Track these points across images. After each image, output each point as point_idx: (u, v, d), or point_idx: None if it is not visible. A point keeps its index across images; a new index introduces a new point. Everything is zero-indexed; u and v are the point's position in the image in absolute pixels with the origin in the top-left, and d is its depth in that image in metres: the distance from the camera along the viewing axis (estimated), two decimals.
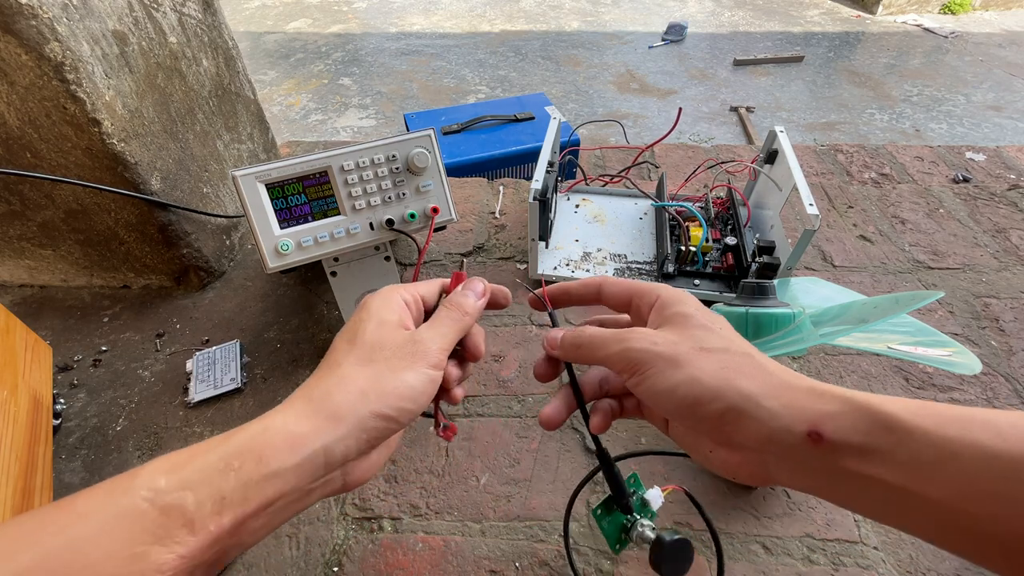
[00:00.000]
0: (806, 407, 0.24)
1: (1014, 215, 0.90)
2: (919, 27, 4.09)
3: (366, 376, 0.28)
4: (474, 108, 1.71)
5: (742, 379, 0.26)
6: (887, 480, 0.22)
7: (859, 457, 0.22)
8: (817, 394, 0.25)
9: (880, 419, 0.22)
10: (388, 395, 0.27)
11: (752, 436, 0.25)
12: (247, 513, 0.24)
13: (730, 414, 0.25)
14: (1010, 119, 2.98)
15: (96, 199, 0.68)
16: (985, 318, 0.73)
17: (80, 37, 0.56)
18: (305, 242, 0.62)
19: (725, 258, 0.74)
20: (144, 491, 0.22)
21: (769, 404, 0.25)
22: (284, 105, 3.24)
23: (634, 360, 0.28)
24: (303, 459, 0.25)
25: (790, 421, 0.24)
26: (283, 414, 0.26)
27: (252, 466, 0.24)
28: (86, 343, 0.72)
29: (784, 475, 0.25)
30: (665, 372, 0.27)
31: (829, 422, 0.23)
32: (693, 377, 0.26)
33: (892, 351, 0.47)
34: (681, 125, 2.91)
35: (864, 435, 0.22)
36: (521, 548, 0.52)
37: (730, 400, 0.25)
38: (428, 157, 0.64)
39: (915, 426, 0.22)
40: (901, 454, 0.22)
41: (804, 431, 0.24)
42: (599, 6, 4.57)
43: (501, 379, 0.66)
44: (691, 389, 0.26)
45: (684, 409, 0.26)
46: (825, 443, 0.23)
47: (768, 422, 0.24)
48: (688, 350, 0.27)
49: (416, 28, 4.22)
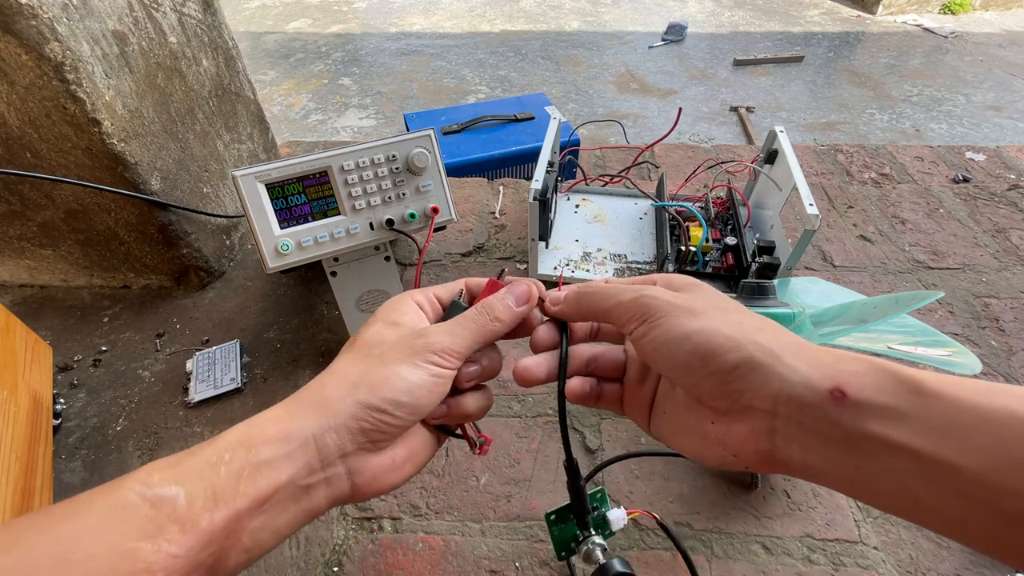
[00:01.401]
0: (828, 364, 0.23)
1: (1014, 215, 0.90)
2: (919, 27, 4.09)
3: (359, 369, 0.27)
4: (474, 108, 1.71)
5: (760, 334, 0.24)
6: (913, 445, 0.20)
7: (885, 419, 0.21)
8: (839, 355, 0.23)
9: (908, 382, 0.21)
10: (379, 386, 0.26)
11: (767, 393, 0.23)
12: (241, 509, 0.23)
13: (745, 366, 0.23)
14: (1010, 119, 2.98)
15: (96, 199, 0.68)
16: (985, 318, 0.73)
17: (80, 37, 0.56)
18: (305, 242, 0.62)
19: (725, 258, 0.74)
20: (136, 485, 0.22)
21: (789, 359, 0.23)
22: (284, 105, 3.24)
23: (648, 307, 0.26)
24: (294, 448, 0.24)
25: (811, 376, 0.22)
26: (277, 408, 0.26)
27: (242, 456, 0.23)
28: (86, 343, 0.72)
29: (795, 447, 0.23)
30: (680, 319, 0.25)
31: (853, 380, 0.22)
32: (711, 326, 0.25)
33: (892, 351, 0.47)
34: (681, 125, 2.90)
35: (890, 395, 0.21)
36: (521, 548, 0.52)
37: (748, 351, 0.24)
38: (428, 157, 0.64)
39: (944, 391, 0.20)
40: (929, 417, 0.20)
41: (827, 388, 0.22)
42: (599, 6, 4.57)
43: (501, 379, 0.66)
44: (708, 337, 0.24)
45: (695, 360, 0.25)
46: (849, 402, 0.21)
47: (788, 376, 0.23)
48: (705, 304, 0.26)
49: (416, 28, 4.22)
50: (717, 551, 0.51)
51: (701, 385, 0.25)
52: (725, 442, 0.25)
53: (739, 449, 0.25)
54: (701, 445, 0.26)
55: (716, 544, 0.51)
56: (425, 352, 0.27)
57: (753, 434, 0.24)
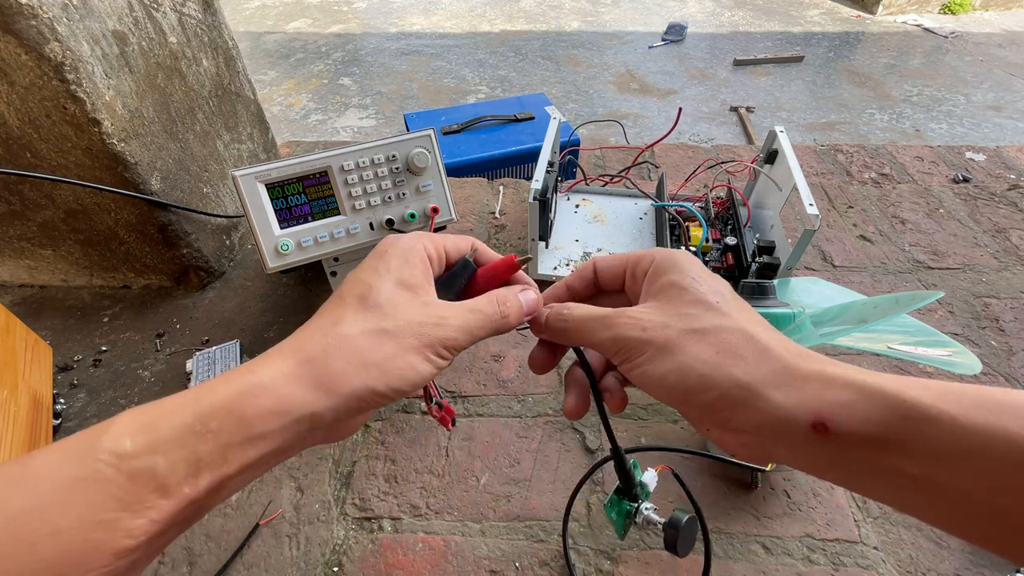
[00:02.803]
0: (811, 396, 0.22)
1: (1014, 215, 0.90)
2: (919, 27, 4.09)
3: (372, 348, 0.25)
4: (474, 108, 1.71)
5: (738, 365, 0.24)
6: (906, 471, 0.20)
7: (873, 448, 0.21)
8: (825, 380, 0.22)
9: (897, 407, 0.20)
10: (391, 375, 0.25)
11: (750, 424, 0.23)
12: (227, 475, 0.22)
13: (723, 402, 0.24)
14: (1010, 119, 2.98)
15: (96, 199, 0.68)
16: (985, 318, 0.73)
17: (80, 37, 0.56)
18: (305, 242, 0.62)
19: (725, 258, 0.74)
20: (106, 455, 0.20)
21: (768, 393, 0.23)
22: (284, 105, 3.24)
23: (624, 348, 0.26)
24: (290, 422, 0.23)
25: (792, 411, 0.22)
26: (271, 369, 0.24)
27: (233, 428, 0.22)
28: (86, 343, 0.72)
29: (786, 457, 0.24)
30: (655, 359, 0.25)
31: (837, 412, 0.21)
32: (683, 365, 0.24)
33: (892, 351, 0.47)
34: (681, 125, 2.90)
35: (878, 426, 0.20)
36: (521, 548, 0.52)
37: (722, 389, 0.23)
38: (428, 157, 0.64)
39: (937, 413, 0.19)
40: (923, 445, 0.20)
41: (808, 422, 0.22)
42: (599, 6, 4.57)
43: (501, 379, 0.66)
44: (681, 378, 0.24)
45: (675, 397, 0.25)
46: (831, 435, 0.21)
47: (767, 411, 0.23)
48: (678, 334, 0.25)
49: (416, 28, 4.22)
50: (717, 551, 0.51)
51: (689, 414, 0.26)
52: (722, 445, 0.26)
53: (736, 453, 0.26)
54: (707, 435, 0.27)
55: (716, 544, 0.51)
56: (438, 346, 0.26)
57: (746, 446, 0.25)
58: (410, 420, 0.62)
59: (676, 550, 0.35)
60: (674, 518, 0.36)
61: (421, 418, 0.63)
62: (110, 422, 0.22)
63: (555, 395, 0.64)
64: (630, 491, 0.37)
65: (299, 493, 0.56)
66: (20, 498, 0.19)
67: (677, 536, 0.35)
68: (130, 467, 0.20)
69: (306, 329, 0.26)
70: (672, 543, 0.35)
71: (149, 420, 0.22)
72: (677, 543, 0.35)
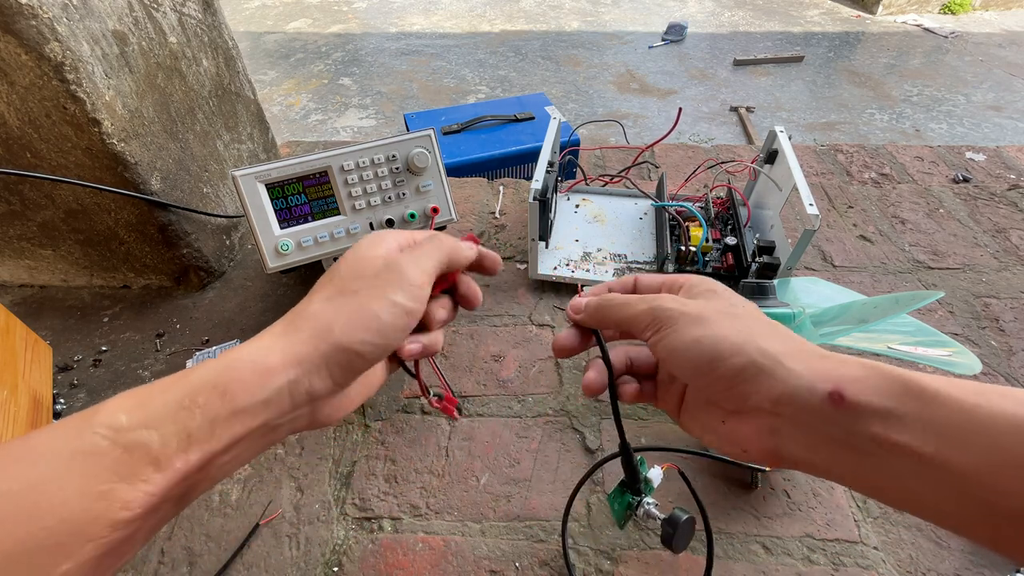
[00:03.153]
0: (829, 368, 0.24)
1: (1014, 215, 0.90)
2: (919, 27, 4.09)
3: (334, 309, 0.27)
4: (474, 108, 1.71)
5: (765, 339, 0.26)
6: (913, 447, 0.21)
7: (884, 421, 0.22)
8: (840, 360, 0.24)
9: (907, 384, 0.22)
10: (354, 328, 0.26)
11: (769, 395, 0.24)
12: (215, 450, 0.23)
13: (750, 370, 0.25)
14: (1010, 119, 2.98)
15: (96, 199, 0.68)
16: (985, 318, 0.73)
17: (80, 37, 0.56)
18: (305, 242, 0.62)
19: (725, 258, 0.74)
20: (103, 429, 0.21)
21: (790, 364, 0.24)
22: (284, 105, 3.24)
23: (660, 316, 0.28)
24: (270, 395, 0.25)
25: (811, 380, 0.24)
26: (249, 347, 0.26)
27: (217, 402, 0.23)
28: (86, 343, 0.72)
29: (798, 446, 0.24)
30: (689, 327, 0.27)
31: (852, 384, 0.23)
32: (716, 332, 0.26)
33: (892, 351, 0.47)
34: (681, 125, 2.91)
35: (889, 398, 0.22)
36: (521, 548, 0.52)
37: (750, 356, 0.25)
38: (428, 157, 0.64)
39: (944, 393, 0.21)
40: (929, 419, 0.21)
41: (826, 391, 0.23)
42: (599, 6, 4.57)
43: (501, 379, 0.66)
44: (713, 343, 0.26)
45: (703, 364, 0.26)
46: (847, 404, 0.22)
47: (788, 380, 0.24)
48: (713, 312, 0.28)
49: (416, 28, 4.22)
50: (717, 551, 0.51)
51: (711, 387, 0.27)
52: (734, 440, 0.27)
53: (746, 446, 0.26)
54: (717, 441, 0.28)
55: (716, 544, 0.51)
56: (399, 284, 0.28)
57: (758, 433, 0.26)
58: (410, 420, 0.62)
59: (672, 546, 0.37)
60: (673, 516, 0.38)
61: (421, 418, 0.63)
62: (105, 401, 0.23)
63: (555, 395, 0.64)
64: (634, 486, 0.39)
65: (299, 493, 0.56)
66: (23, 472, 0.20)
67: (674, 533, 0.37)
68: (126, 440, 0.21)
69: (285, 316, 0.28)
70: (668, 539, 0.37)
71: (142, 398, 0.23)
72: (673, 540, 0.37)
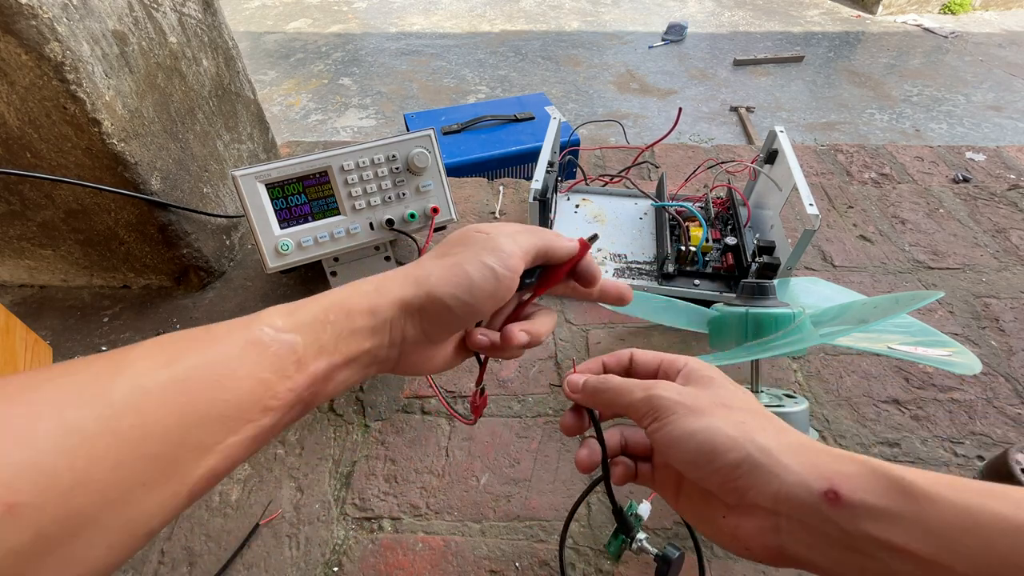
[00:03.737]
0: (823, 466, 0.24)
1: (1014, 215, 0.90)
2: (919, 27, 4.09)
3: (434, 265, 0.30)
4: (474, 108, 1.71)
5: (760, 434, 0.26)
6: (911, 549, 0.21)
7: (880, 522, 0.22)
8: (834, 455, 0.25)
9: (898, 483, 0.22)
10: (447, 282, 0.29)
11: (767, 492, 0.24)
12: (337, 363, 0.27)
13: (745, 464, 0.25)
14: (1010, 119, 2.98)
15: (96, 199, 0.68)
16: (985, 318, 0.73)
17: (80, 37, 0.56)
18: (305, 242, 0.62)
19: (725, 258, 0.74)
20: (267, 328, 0.25)
21: (786, 459, 0.25)
22: (284, 105, 3.24)
23: (657, 406, 0.29)
24: (377, 323, 0.28)
25: (807, 477, 0.24)
26: (369, 282, 0.30)
27: (343, 320, 0.28)
28: (86, 343, 0.72)
29: (801, 546, 0.24)
30: (686, 418, 0.27)
31: (847, 482, 0.23)
32: (712, 425, 0.26)
33: (892, 351, 0.47)
34: (681, 125, 2.90)
35: (883, 498, 0.22)
36: (521, 548, 0.52)
37: (747, 451, 0.25)
38: (428, 157, 0.64)
39: (935, 493, 0.21)
40: (924, 520, 0.21)
41: (821, 489, 0.23)
42: (599, 6, 4.57)
43: (501, 379, 0.66)
44: (709, 436, 0.26)
45: (700, 457, 0.26)
46: (843, 503, 0.22)
47: (784, 476, 0.24)
48: (710, 403, 0.28)
49: (416, 28, 4.22)
50: (717, 551, 0.51)
51: (710, 479, 0.27)
52: (736, 536, 0.26)
53: (749, 543, 0.26)
54: (718, 535, 0.28)
55: (716, 544, 0.51)
56: (493, 251, 0.30)
57: (760, 531, 0.25)
58: (410, 420, 0.62)
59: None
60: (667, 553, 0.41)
61: (421, 418, 0.63)
62: (262, 311, 0.27)
63: (555, 395, 0.64)
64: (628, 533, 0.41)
65: (299, 493, 0.56)
66: (208, 350, 0.24)
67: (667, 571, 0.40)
68: (281, 339, 0.25)
69: (402, 266, 0.32)
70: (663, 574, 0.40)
71: (291, 309, 0.27)
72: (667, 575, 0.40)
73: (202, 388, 0.23)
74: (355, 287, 0.29)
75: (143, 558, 0.52)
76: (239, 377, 0.24)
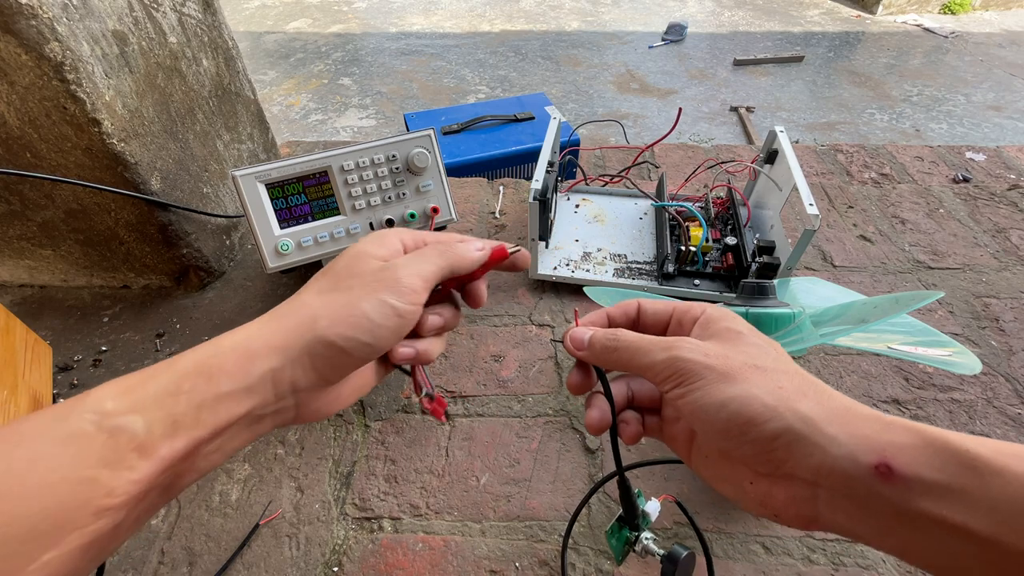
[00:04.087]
0: (874, 436, 0.21)
1: (1014, 215, 0.90)
2: (919, 27, 4.09)
3: (323, 302, 0.26)
4: (474, 108, 1.71)
5: (801, 400, 0.23)
6: (971, 528, 0.19)
7: (938, 498, 0.19)
8: (885, 423, 0.22)
9: (960, 456, 0.19)
10: (339, 323, 0.25)
11: (808, 465, 0.22)
12: (200, 437, 0.23)
13: (786, 436, 0.22)
14: (1010, 119, 2.98)
15: (96, 199, 0.68)
16: (985, 318, 0.73)
17: (80, 37, 0.56)
18: (305, 242, 0.62)
19: (725, 258, 0.74)
20: (90, 414, 0.21)
21: (831, 430, 0.22)
22: (284, 105, 3.24)
23: (682, 370, 0.25)
24: (253, 382, 0.24)
25: (855, 450, 0.21)
26: (234, 336, 0.25)
27: (203, 387, 0.23)
28: (86, 343, 0.72)
29: (839, 515, 0.22)
30: (717, 385, 0.24)
31: (901, 454, 0.20)
32: (748, 393, 0.24)
33: (892, 351, 0.47)
34: (681, 125, 2.91)
35: (942, 472, 0.19)
36: (521, 548, 0.52)
37: (787, 421, 0.22)
38: (428, 157, 0.64)
39: (1001, 466, 0.19)
40: (988, 499, 0.19)
41: (872, 463, 0.21)
42: (599, 6, 4.57)
43: (501, 379, 0.66)
44: (745, 406, 0.23)
45: (733, 428, 0.24)
46: (896, 478, 0.20)
47: (829, 449, 0.22)
48: (741, 365, 0.25)
49: (416, 28, 4.22)
50: (717, 551, 0.51)
51: (740, 450, 0.24)
52: (764, 503, 0.24)
53: (780, 511, 0.24)
54: (741, 497, 0.26)
55: (716, 544, 0.51)
56: (393, 285, 0.27)
57: (795, 500, 0.23)
58: (410, 420, 0.62)
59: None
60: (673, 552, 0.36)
61: (421, 418, 0.63)
62: (92, 389, 0.23)
63: (555, 395, 0.64)
64: (632, 520, 0.37)
65: (299, 493, 0.56)
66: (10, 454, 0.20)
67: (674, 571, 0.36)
68: (111, 424, 0.21)
69: (278, 305, 0.28)
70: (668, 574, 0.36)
71: (130, 384, 0.23)
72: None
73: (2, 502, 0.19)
74: (217, 343, 0.25)
75: (143, 558, 0.52)
76: (50, 483, 0.20)
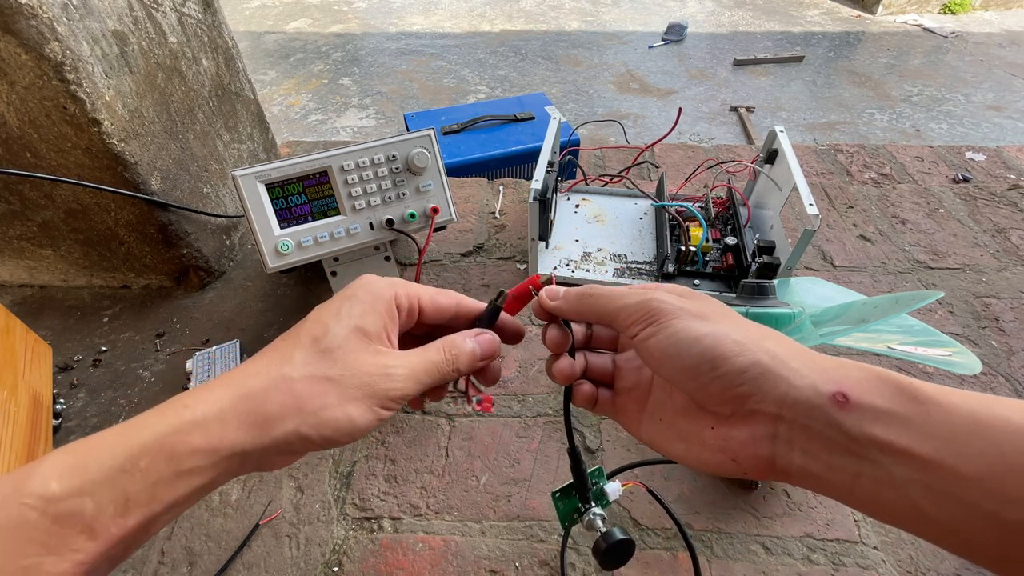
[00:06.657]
0: (832, 370, 0.24)
1: (1014, 215, 0.90)
2: (919, 27, 4.09)
3: (312, 394, 0.25)
4: (474, 108, 1.71)
5: (767, 339, 0.25)
6: (915, 452, 0.20)
7: (886, 425, 0.21)
8: (841, 362, 0.24)
9: (907, 389, 0.22)
10: (324, 424, 0.25)
11: (774, 396, 0.24)
12: (155, 512, 0.22)
13: (754, 370, 0.24)
14: (1010, 119, 2.98)
15: (96, 199, 0.68)
16: (985, 318, 0.73)
17: (80, 37, 0.56)
18: (305, 242, 0.62)
19: (725, 258, 0.74)
20: (31, 499, 0.20)
21: (795, 364, 0.24)
22: (284, 105, 3.24)
23: (656, 310, 0.27)
24: (220, 459, 0.23)
25: (816, 380, 0.23)
26: (207, 404, 0.24)
27: (163, 465, 0.22)
28: (86, 343, 0.72)
29: (797, 453, 0.23)
30: (691, 321, 0.26)
31: (856, 386, 0.23)
32: (720, 330, 0.25)
33: (892, 351, 0.47)
34: (681, 125, 2.91)
35: (891, 402, 0.22)
36: (521, 548, 0.52)
37: (756, 356, 0.24)
38: (428, 157, 0.64)
39: (942, 399, 0.21)
40: (931, 423, 0.21)
41: (831, 391, 0.23)
42: (599, 6, 4.57)
43: (501, 379, 0.66)
44: (718, 340, 0.25)
45: (705, 363, 0.25)
46: (851, 406, 0.22)
47: (792, 380, 0.23)
48: (713, 312, 0.27)
49: (416, 28, 4.22)
50: (717, 551, 0.51)
51: (707, 388, 0.25)
52: (724, 447, 0.25)
53: (738, 454, 0.25)
54: (699, 450, 0.27)
55: (716, 544, 0.51)
56: (382, 397, 0.26)
57: (754, 439, 0.24)
58: (410, 420, 0.62)
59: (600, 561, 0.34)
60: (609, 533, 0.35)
61: (421, 418, 0.63)
62: (39, 462, 0.21)
63: (555, 395, 0.64)
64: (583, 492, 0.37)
65: (299, 493, 0.56)
66: None
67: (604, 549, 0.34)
68: (56, 510, 0.20)
69: (255, 362, 0.26)
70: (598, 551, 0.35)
71: (79, 460, 0.22)
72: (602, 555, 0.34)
73: None
74: (181, 415, 0.23)
75: (143, 558, 0.52)
76: None
